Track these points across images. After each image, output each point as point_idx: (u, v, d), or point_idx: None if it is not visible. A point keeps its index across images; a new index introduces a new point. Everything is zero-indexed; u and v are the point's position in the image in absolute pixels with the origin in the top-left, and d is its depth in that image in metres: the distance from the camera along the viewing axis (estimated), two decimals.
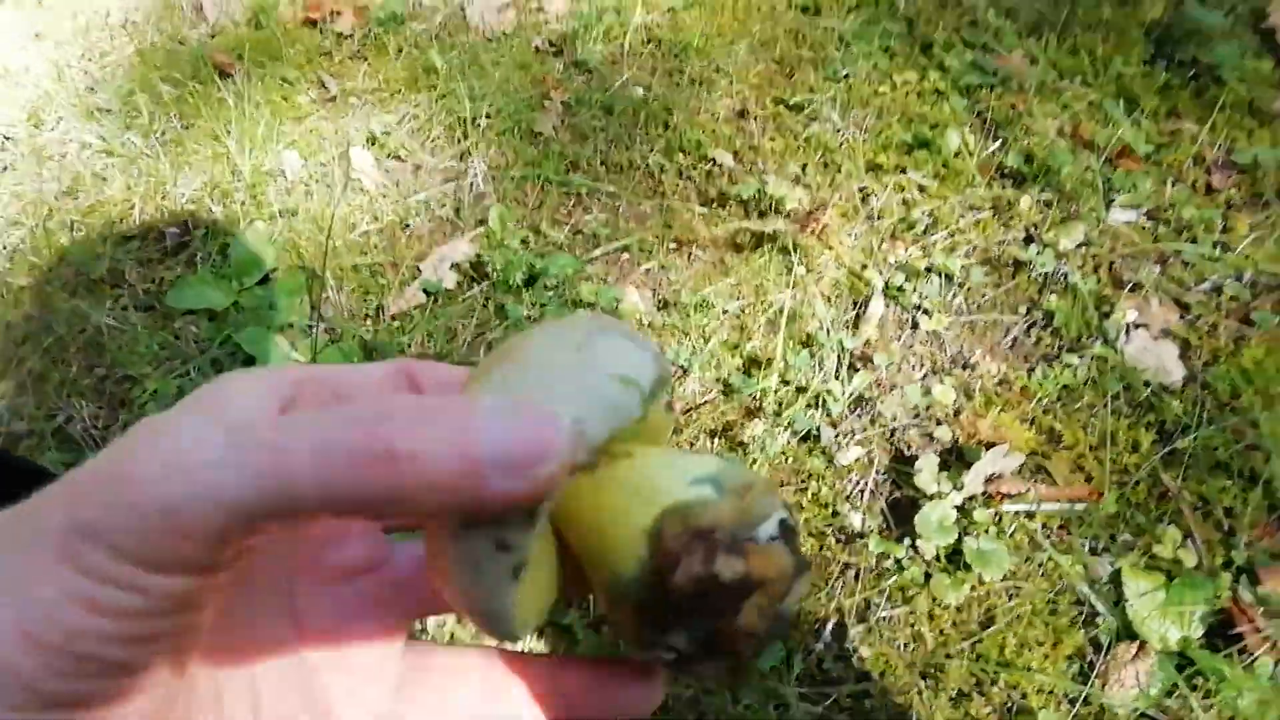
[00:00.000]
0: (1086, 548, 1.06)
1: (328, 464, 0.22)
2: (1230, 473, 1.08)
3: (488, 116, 1.65)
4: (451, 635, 1.07)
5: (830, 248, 1.37)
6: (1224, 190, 1.34)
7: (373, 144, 1.67)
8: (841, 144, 1.50)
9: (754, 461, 1.15)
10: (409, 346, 1.38)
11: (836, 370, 1.23)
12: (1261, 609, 0.97)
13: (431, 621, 1.08)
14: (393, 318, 1.41)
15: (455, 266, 1.46)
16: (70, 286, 1.48)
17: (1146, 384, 1.16)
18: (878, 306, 1.29)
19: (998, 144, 1.44)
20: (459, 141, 1.65)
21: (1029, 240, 1.33)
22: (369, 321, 1.42)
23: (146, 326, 1.43)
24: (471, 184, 1.58)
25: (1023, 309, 1.28)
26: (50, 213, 1.60)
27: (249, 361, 1.37)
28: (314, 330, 1.38)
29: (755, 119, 1.58)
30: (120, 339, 1.40)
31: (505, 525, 0.25)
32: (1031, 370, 1.22)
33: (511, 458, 0.23)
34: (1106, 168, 1.38)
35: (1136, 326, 1.22)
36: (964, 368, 1.24)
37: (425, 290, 1.43)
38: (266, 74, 1.81)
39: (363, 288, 1.46)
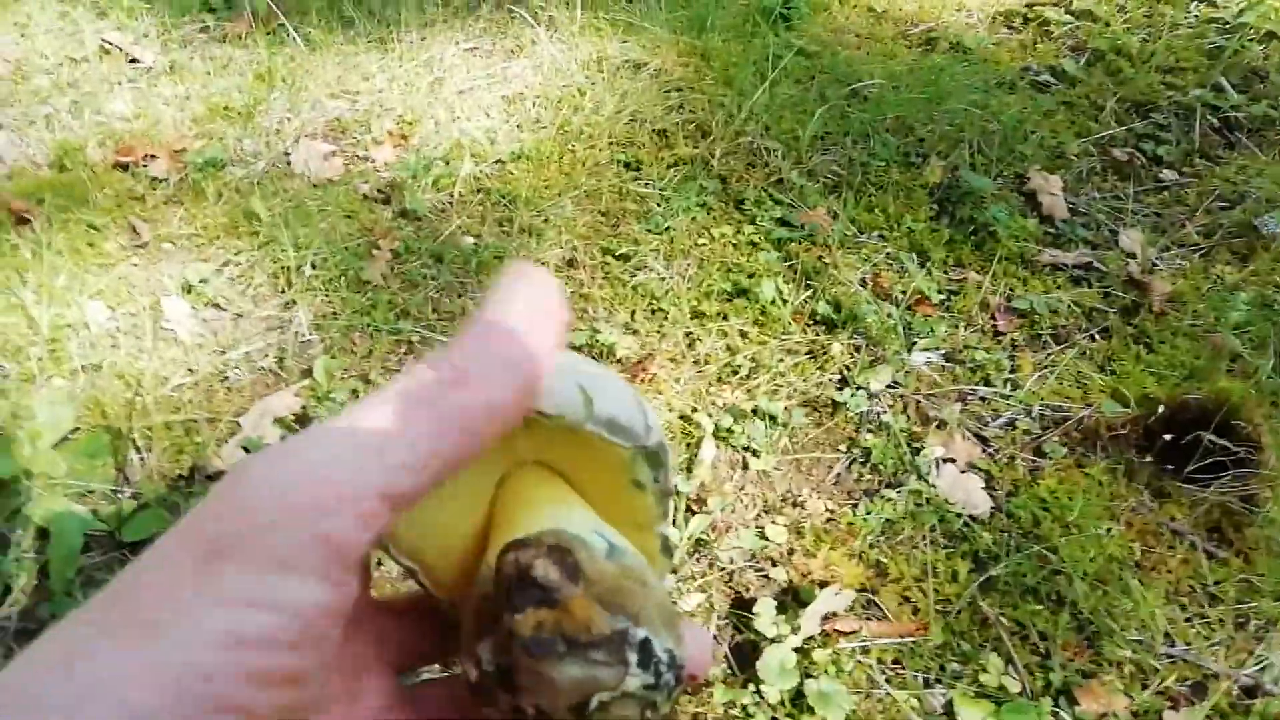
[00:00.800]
0: (920, 680, 1.10)
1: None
2: (1040, 597, 1.15)
3: (313, 265, 1.62)
4: None
5: (660, 392, 1.41)
6: (1009, 333, 1.49)
7: (188, 292, 1.60)
8: (667, 292, 1.56)
9: None
10: None
11: (674, 516, 1.25)
12: None
13: None
14: (209, 478, 1.33)
15: (278, 421, 1.39)
16: None
17: (959, 515, 1.24)
18: (709, 449, 1.33)
19: (809, 293, 1.55)
20: (283, 290, 1.61)
21: (843, 382, 1.42)
22: (182, 484, 1.33)
23: None
24: (296, 333, 1.53)
25: (843, 447, 1.35)
26: None
27: (41, 535, 1.24)
28: (119, 496, 1.27)
29: (584, 268, 1.63)
30: None
31: None
32: (855, 505, 1.28)
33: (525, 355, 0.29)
34: (906, 314, 1.50)
35: (945, 461, 1.31)
36: (794, 505, 1.29)
37: (245, 448, 1.36)
38: (70, 219, 1.72)
39: (175, 447, 1.37)
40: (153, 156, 1.89)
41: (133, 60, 2.22)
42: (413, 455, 0.26)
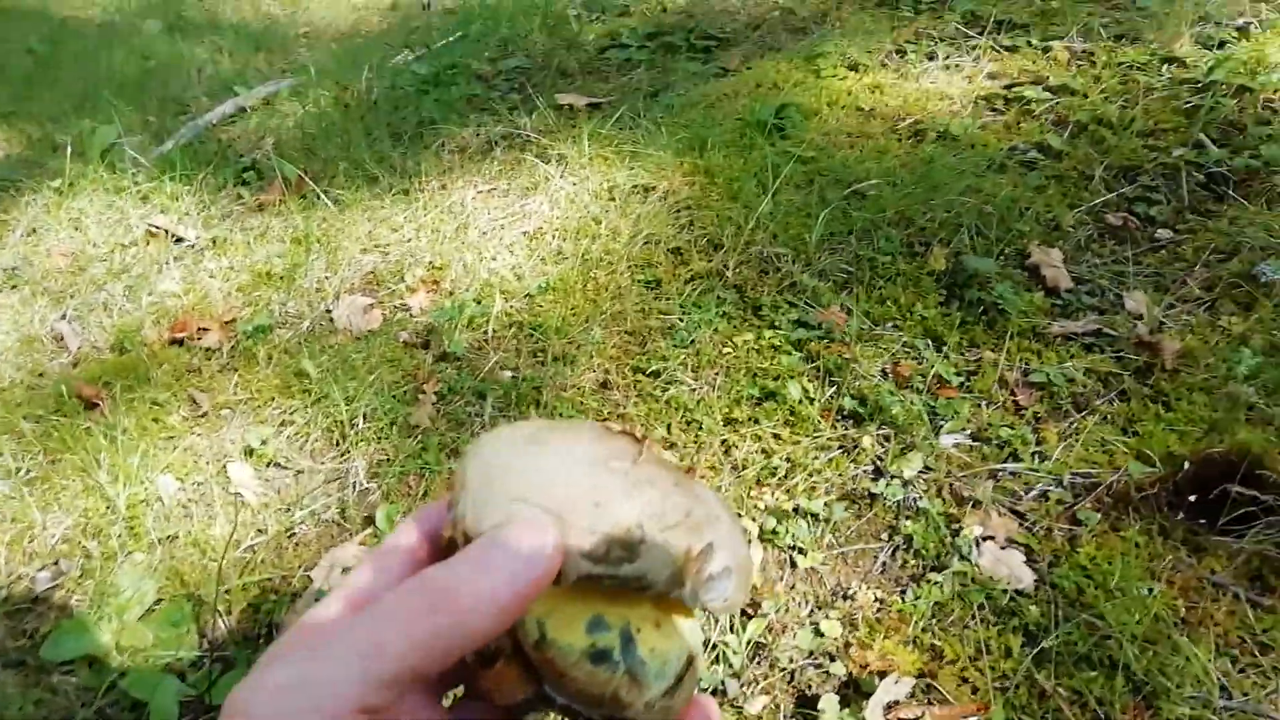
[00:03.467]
0: None
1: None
2: (1093, 664, 1.19)
3: (364, 417, 1.72)
4: None
5: None
6: (1029, 406, 1.55)
7: (250, 455, 1.70)
8: (699, 403, 1.64)
9: None
10: None
11: (730, 622, 1.30)
12: None
13: None
14: None
15: (347, 571, 1.47)
16: None
17: (1004, 591, 1.28)
18: (756, 552, 1.39)
19: (833, 389, 1.62)
20: (338, 443, 1.70)
21: (878, 473, 1.48)
22: (262, 642, 1.40)
23: (17, 685, 1.36)
24: (354, 483, 1.62)
25: (885, 535, 1.41)
26: None
27: (135, 708, 1.32)
28: (206, 662, 1.35)
29: (618, 388, 1.72)
30: None
31: None
32: (903, 592, 1.32)
33: (524, 573, 0.38)
34: (929, 399, 1.57)
35: (985, 539, 1.36)
36: (844, 598, 1.34)
37: (317, 598, 1.43)
38: (135, 398, 1.85)
39: (252, 606, 1.45)
40: (205, 329, 2.03)
41: (177, 239, 2.38)
42: (390, 671, 0.34)
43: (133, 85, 3.70)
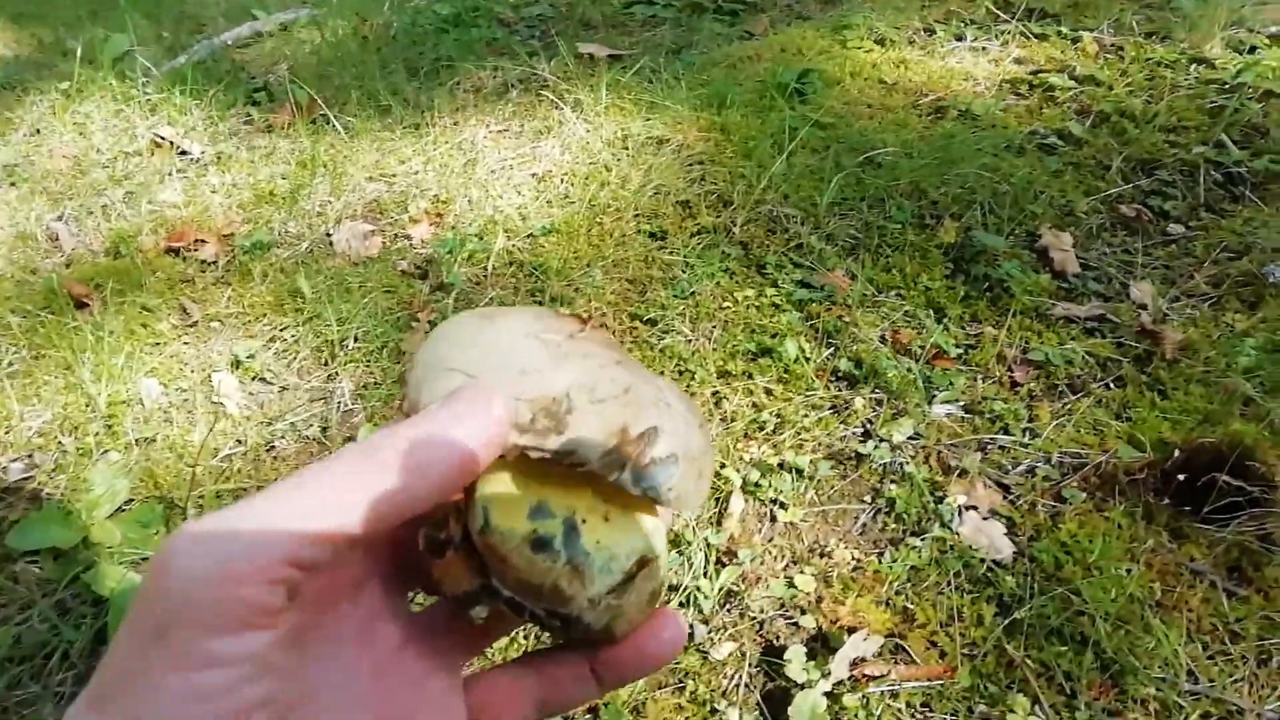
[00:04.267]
0: None
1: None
2: (1064, 638, 1.18)
3: (355, 339, 1.71)
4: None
5: None
6: (1025, 384, 1.53)
7: (237, 368, 1.69)
8: (694, 353, 1.63)
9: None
10: None
11: (705, 568, 1.29)
12: None
13: None
14: None
15: None
16: None
17: (982, 560, 1.27)
18: (738, 503, 1.38)
19: (830, 350, 1.60)
20: (326, 363, 1.69)
21: (866, 435, 1.47)
22: None
23: None
24: (339, 403, 1.61)
25: (868, 498, 1.39)
26: None
27: (97, 604, 1.30)
28: None
29: (613, 332, 1.70)
30: None
31: None
32: (881, 554, 1.31)
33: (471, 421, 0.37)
34: (925, 368, 1.55)
35: (967, 509, 1.34)
36: (821, 555, 1.32)
37: None
38: (125, 302, 1.83)
39: None
40: (202, 241, 2.01)
41: (182, 152, 2.35)
42: (324, 528, 0.32)
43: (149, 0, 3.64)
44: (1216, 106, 2.11)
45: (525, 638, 1.20)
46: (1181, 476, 1.30)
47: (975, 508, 1.35)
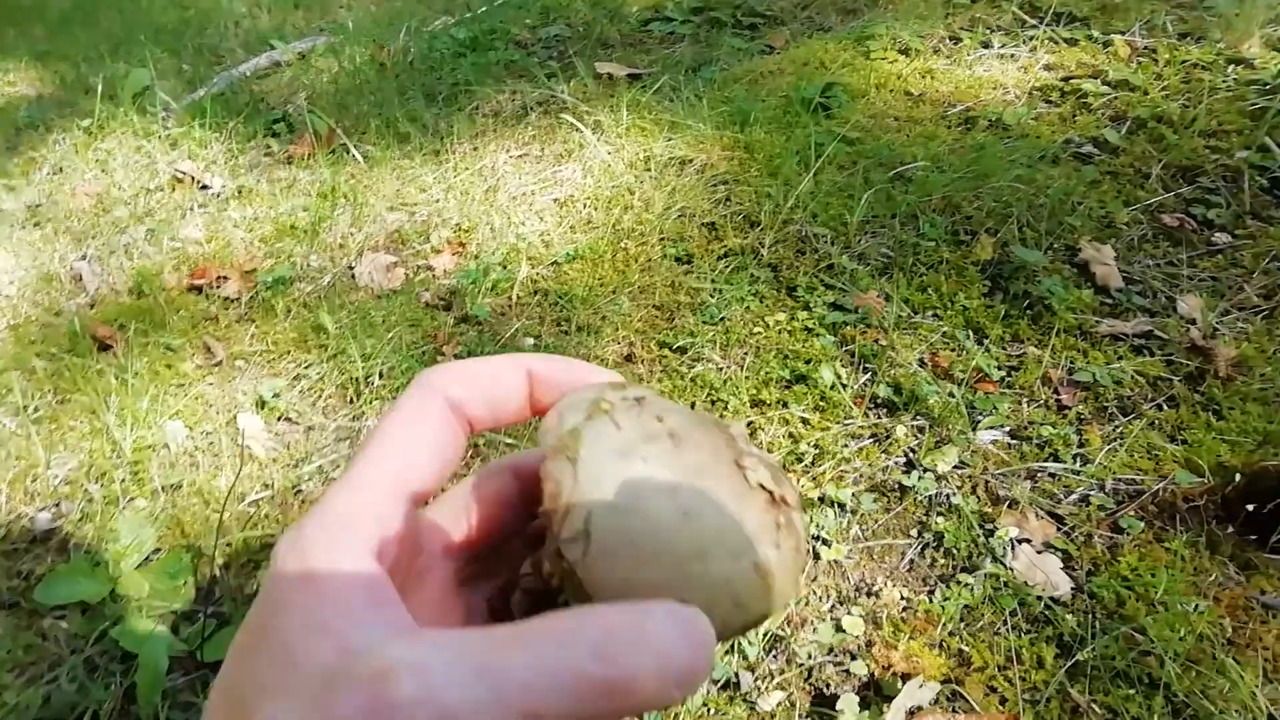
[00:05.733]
0: None
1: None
2: (1131, 681, 1.12)
3: (380, 375, 1.67)
4: None
5: None
6: (1073, 406, 1.47)
7: (262, 408, 1.66)
8: (726, 381, 1.58)
9: (675, 716, 1.13)
10: None
11: None
12: None
13: None
14: None
15: None
16: None
17: (1039, 598, 1.21)
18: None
19: (867, 376, 1.55)
20: (352, 401, 1.66)
21: (909, 465, 1.42)
22: None
23: (8, 627, 1.32)
24: None
25: (914, 531, 1.34)
26: None
27: (125, 660, 1.27)
28: (201, 617, 1.30)
29: (642, 362, 1.66)
30: None
31: None
32: (931, 592, 1.26)
33: (690, 680, 0.25)
34: (968, 393, 1.50)
35: (1020, 541, 1.29)
36: (868, 594, 1.27)
37: None
38: (149, 342, 1.81)
39: (253, 563, 1.40)
40: (224, 278, 1.99)
41: (203, 187, 2.34)
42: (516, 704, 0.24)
43: (169, 33, 3.65)
44: (1258, 109, 2.04)
45: None
46: (1246, 504, 1.23)
47: (1028, 540, 1.29)
